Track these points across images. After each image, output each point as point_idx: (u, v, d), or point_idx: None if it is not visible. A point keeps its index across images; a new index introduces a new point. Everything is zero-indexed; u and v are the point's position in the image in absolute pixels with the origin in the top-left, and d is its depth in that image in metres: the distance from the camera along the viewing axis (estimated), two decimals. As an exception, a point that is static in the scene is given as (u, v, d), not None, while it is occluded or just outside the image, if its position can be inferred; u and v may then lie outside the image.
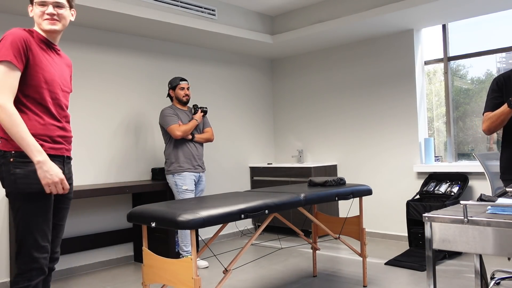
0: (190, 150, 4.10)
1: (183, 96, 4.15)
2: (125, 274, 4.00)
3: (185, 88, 4.16)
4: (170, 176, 4.07)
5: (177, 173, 4.04)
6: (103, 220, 4.28)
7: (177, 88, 4.16)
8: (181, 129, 4.00)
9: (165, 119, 4.04)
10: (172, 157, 4.07)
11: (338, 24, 4.61)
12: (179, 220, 2.14)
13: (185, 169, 4.04)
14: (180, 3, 4.32)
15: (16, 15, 3.80)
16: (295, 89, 5.89)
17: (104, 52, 4.37)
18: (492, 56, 4.52)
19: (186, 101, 4.19)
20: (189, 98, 4.19)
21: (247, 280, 3.67)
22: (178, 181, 4.03)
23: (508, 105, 2.39)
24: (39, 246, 1.95)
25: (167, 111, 4.08)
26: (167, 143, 4.13)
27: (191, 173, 4.07)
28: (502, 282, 3.28)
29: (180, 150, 4.06)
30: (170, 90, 4.19)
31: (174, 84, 4.17)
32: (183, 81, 4.17)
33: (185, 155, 4.07)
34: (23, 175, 1.94)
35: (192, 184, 4.08)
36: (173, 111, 4.09)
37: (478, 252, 1.66)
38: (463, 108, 4.76)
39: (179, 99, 4.17)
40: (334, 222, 3.54)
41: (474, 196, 4.38)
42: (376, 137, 5.09)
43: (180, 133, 3.99)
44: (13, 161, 1.94)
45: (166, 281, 2.27)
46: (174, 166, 4.05)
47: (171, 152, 4.08)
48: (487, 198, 1.81)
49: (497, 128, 2.50)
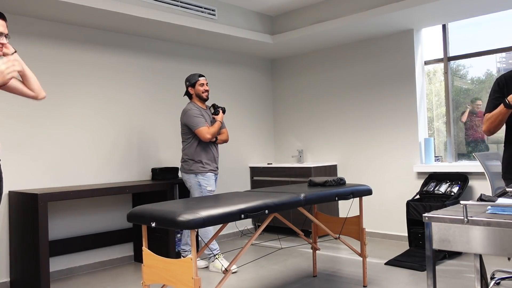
0: (212, 152, 4.05)
1: (203, 92, 4.01)
2: (125, 274, 4.00)
3: (204, 84, 4.03)
4: (192, 176, 3.96)
5: (201, 173, 3.95)
6: (103, 220, 4.28)
7: (197, 85, 4.02)
8: (210, 132, 3.90)
9: (194, 120, 3.91)
10: (195, 157, 3.96)
11: (338, 24, 4.61)
12: (179, 220, 2.14)
13: (209, 170, 3.99)
14: (180, 3, 4.32)
15: (16, 15, 3.81)
16: (295, 89, 5.89)
17: (104, 52, 4.37)
18: (492, 56, 4.52)
19: (206, 98, 4.06)
20: (208, 94, 4.08)
21: (247, 280, 3.67)
22: (202, 182, 3.96)
23: (504, 105, 2.39)
24: None
25: (195, 111, 3.95)
26: (189, 143, 3.99)
27: (212, 173, 4.04)
28: (502, 282, 3.28)
29: (203, 151, 3.99)
30: (189, 87, 4.04)
31: (193, 81, 4.02)
32: (202, 76, 4.04)
33: (208, 156, 4.01)
34: None
35: (214, 185, 4.05)
36: (199, 111, 3.96)
37: (478, 252, 1.66)
38: (463, 108, 4.76)
39: (200, 96, 4.03)
40: (334, 222, 3.54)
41: (474, 196, 4.38)
42: (376, 137, 5.09)
43: (210, 136, 3.90)
44: None
45: (166, 281, 2.27)
46: (197, 166, 3.95)
47: (194, 152, 3.96)
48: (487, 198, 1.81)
49: (497, 129, 2.50)
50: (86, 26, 4.22)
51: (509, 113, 2.41)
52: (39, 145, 3.90)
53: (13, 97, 3.77)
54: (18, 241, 3.57)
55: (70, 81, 4.12)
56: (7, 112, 3.75)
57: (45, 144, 3.94)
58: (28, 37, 3.88)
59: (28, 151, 3.84)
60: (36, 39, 3.92)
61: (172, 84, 4.94)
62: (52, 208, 3.95)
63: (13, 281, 3.64)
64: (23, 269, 3.50)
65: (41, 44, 3.95)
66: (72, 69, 4.14)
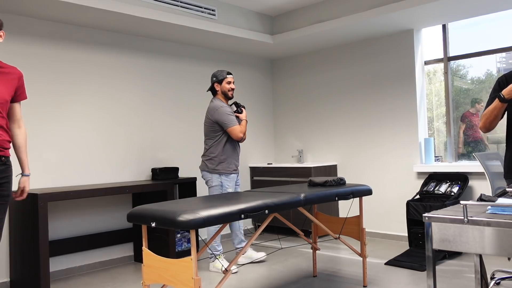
0: (237, 151, 4.03)
1: (229, 90, 3.96)
2: (125, 274, 4.00)
3: (231, 82, 3.97)
4: (216, 176, 3.91)
5: (225, 174, 3.92)
6: (103, 220, 4.28)
7: (224, 82, 3.95)
8: (243, 131, 3.88)
9: (227, 117, 3.85)
10: (222, 156, 3.91)
11: (338, 24, 4.61)
12: (179, 220, 2.14)
13: (233, 170, 3.96)
14: (180, 3, 4.32)
15: (16, 15, 3.81)
16: (295, 89, 5.89)
17: (104, 52, 4.37)
18: (492, 56, 4.52)
19: (232, 96, 4.00)
20: (233, 92, 4.04)
21: (247, 280, 3.67)
22: (225, 183, 3.93)
23: (499, 99, 2.39)
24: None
25: (227, 108, 3.89)
26: (217, 140, 3.92)
27: (235, 174, 4.01)
28: (502, 282, 3.28)
29: (231, 149, 3.95)
30: (215, 83, 3.97)
31: (220, 78, 3.95)
32: (230, 74, 3.98)
33: (234, 155, 3.98)
34: None
35: (235, 185, 4.04)
36: (230, 108, 3.94)
37: (478, 252, 1.66)
38: (463, 108, 4.76)
39: (225, 94, 3.97)
40: (334, 222, 3.54)
41: (474, 196, 4.38)
42: (376, 137, 5.09)
43: (242, 135, 3.87)
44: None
45: (166, 281, 2.27)
46: (223, 166, 3.91)
47: (222, 150, 3.91)
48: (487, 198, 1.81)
49: (492, 124, 2.49)
50: (86, 26, 4.22)
51: (503, 107, 2.42)
52: (39, 145, 3.90)
53: (13, 97, 3.77)
54: (18, 241, 3.57)
55: (70, 81, 4.12)
56: (7, 112, 3.75)
57: (45, 144, 3.94)
58: (28, 37, 3.88)
59: (28, 151, 3.83)
60: (36, 39, 3.92)
61: (172, 84, 4.94)
62: (52, 208, 3.95)
63: (13, 281, 3.64)
64: (23, 269, 3.51)
65: (41, 44, 3.95)
66: (72, 69, 4.14)
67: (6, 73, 2.50)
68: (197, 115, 5.18)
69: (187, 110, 5.07)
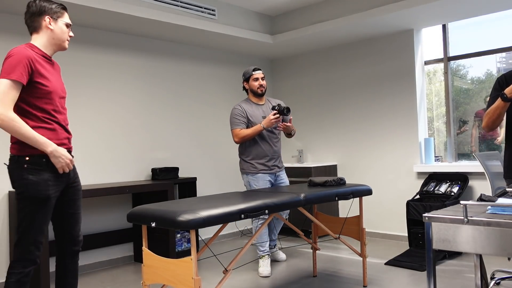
0: (263, 148, 3.90)
1: (258, 87, 3.83)
2: (125, 274, 4.00)
3: (259, 78, 3.83)
4: (245, 175, 3.91)
5: (251, 173, 3.88)
6: (103, 220, 4.28)
7: (251, 79, 3.84)
8: (239, 135, 3.75)
9: (231, 119, 3.82)
10: (244, 155, 3.89)
11: (338, 24, 4.61)
12: (179, 220, 2.14)
13: (260, 170, 3.87)
14: (180, 3, 4.32)
15: (16, 15, 3.80)
16: (295, 89, 5.89)
17: (104, 52, 4.37)
18: (492, 56, 4.52)
19: (262, 93, 3.86)
20: (264, 89, 3.86)
21: (247, 280, 3.67)
22: (252, 182, 3.88)
23: (501, 98, 2.41)
24: (36, 242, 2.24)
25: (237, 110, 3.82)
26: None
27: (265, 174, 3.90)
28: (502, 282, 3.28)
29: (252, 147, 3.88)
30: (244, 82, 3.90)
31: (247, 76, 3.86)
32: (256, 70, 3.84)
33: (258, 153, 3.89)
34: (34, 182, 2.20)
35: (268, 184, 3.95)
36: (242, 109, 3.81)
37: (478, 252, 1.66)
38: (463, 108, 4.76)
39: (254, 91, 3.86)
40: (334, 222, 3.54)
41: (474, 196, 4.38)
42: (376, 137, 5.09)
43: (237, 139, 3.77)
44: (26, 167, 2.20)
45: (166, 281, 2.27)
46: (248, 166, 3.89)
47: (244, 149, 3.88)
48: (487, 198, 1.81)
49: (495, 123, 2.52)
50: (86, 26, 4.22)
51: (506, 106, 2.44)
52: (39, 145, 3.90)
53: (13, 97, 3.77)
54: (18, 241, 3.57)
55: (70, 81, 4.12)
56: (7, 112, 3.75)
57: (45, 144, 3.93)
58: (28, 37, 3.88)
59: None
60: (36, 39, 3.92)
61: (172, 84, 4.94)
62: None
63: (13, 281, 3.63)
64: (23, 269, 3.50)
65: (41, 44, 3.94)
66: (72, 69, 4.14)
67: (57, 68, 2.45)
68: (197, 115, 5.18)
69: (187, 110, 5.07)
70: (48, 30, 2.30)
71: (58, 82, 2.36)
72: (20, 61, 2.14)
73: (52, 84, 2.28)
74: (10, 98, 2.12)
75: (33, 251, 2.23)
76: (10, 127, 2.11)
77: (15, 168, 2.21)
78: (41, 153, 2.20)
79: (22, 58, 2.15)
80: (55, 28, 2.31)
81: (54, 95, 2.28)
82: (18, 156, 2.21)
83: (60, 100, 2.35)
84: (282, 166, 4.00)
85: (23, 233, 2.22)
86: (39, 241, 2.25)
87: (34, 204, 2.21)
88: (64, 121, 2.36)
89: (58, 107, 2.32)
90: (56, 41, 2.33)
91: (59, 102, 2.33)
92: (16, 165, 2.21)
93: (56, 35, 2.32)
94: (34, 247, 2.23)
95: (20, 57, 2.15)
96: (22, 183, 2.20)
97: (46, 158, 2.22)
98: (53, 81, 2.30)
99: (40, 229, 2.24)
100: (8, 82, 2.11)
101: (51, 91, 2.26)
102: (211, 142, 5.30)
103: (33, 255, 2.23)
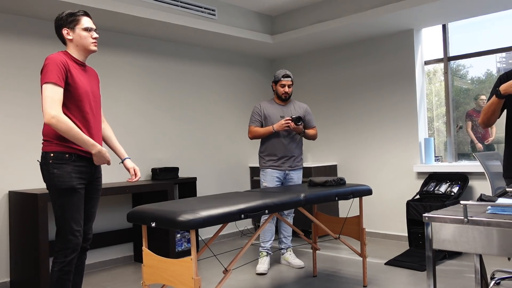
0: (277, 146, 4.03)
1: (282, 93, 3.99)
2: (125, 274, 4.00)
3: (286, 85, 3.98)
4: (261, 170, 4.07)
5: (262, 169, 4.06)
6: (103, 220, 4.28)
7: (278, 83, 4.00)
8: (252, 132, 4.01)
9: (251, 116, 4.06)
10: (260, 151, 4.07)
11: (338, 24, 4.61)
12: (179, 220, 2.14)
13: (269, 165, 4.04)
14: (180, 3, 4.32)
15: (16, 15, 3.80)
16: (295, 89, 5.87)
17: (104, 52, 4.37)
18: (492, 56, 4.52)
19: (285, 99, 4.03)
20: (288, 96, 4.01)
21: (247, 280, 3.67)
22: (261, 177, 4.06)
23: (496, 95, 2.42)
24: (73, 230, 2.42)
25: (255, 108, 4.06)
26: None
27: (274, 170, 4.02)
28: (502, 282, 3.28)
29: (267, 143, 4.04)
30: (273, 83, 4.06)
31: (276, 79, 4.01)
32: (286, 78, 3.98)
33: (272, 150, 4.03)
34: (59, 175, 2.38)
35: (274, 181, 4.02)
36: (260, 108, 4.02)
37: (478, 252, 1.66)
38: (463, 108, 4.76)
39: (278, 96, 4.04)
40: (334, 222, 3.54)
41: (474, 196, 4.38)
42: (376, 137, 5.09)
43: (249, 135, 4.03)
44: (51, 162, 2.39)
45: (166, 281, 2.27)
46: (261, 161, 4.07)
47: (261, 146, 4.06)
48: (487, 198, 1.81)
49: (491, 120, 2.54)
50: (86, 26, 4.22)
51: (501, 103, 2.46)
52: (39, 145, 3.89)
53: (13, 97, 3.78)
54: (18, 241, 3.57)
55: (70, 81, 4.12)
56: (7, 112, 3.75)
57: (45, 144, 3.93)
58: (28, 37, 3.88)
59: (28, 151, 3.84)
60: (35, 39, 3.92)
61: (172, 84, 4.94)
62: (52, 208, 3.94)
63: (13, 281, 3.64)
64: (23, 269, 3.51)
65: (40, 44, 3.95)
66: (72, 69, 4.13)
67: (91, 72, 2.62)
68: (197, 115, 5.18)
69: (187, 110, 5.07)
70: (69, 40, 2.47)
71: (91, 85, 2.52)
72: (56, 65, 2.32)
73: (83, 87, 2.43)
74: (58, 100, 2.30)
75: (71, 239, 2.40)
76: (64, 128, 2.29)
77: (44, 164, 2.42)
78: (64, 150, 2.39)
79: (57, 63, 2.33)
80: (74, 37, 2.47)
81: (84, 98, 2.43)
82: (46, 152, 2.41)
83: (92, 103, 2.50)
84: (296, 166, 4.08)
85: (59, 224, 2.41)
86: (75, 230, 2.42)
87: (62, 195, 2.39)
88: (94, 124, 2.51)
89: (87, 110, 2.45)
90: (80, 48, 2.48)
91: (88, 104, 2.47)
92: (44, 161, 2.41)
93: (77, 42, 2.47)
94: (72, 235, 2.40)
95: (55, 62, 2.33)
96: (49, 177, 2.39)
97: (68, 154, 2.40)
98: (85, 84, 2.45)
99: (74, 218, 2.42)
100: (51, 86, 2.29)
101: (80, 93, 2.41)
102: (211, 142, 5.30)
103: (71, 243, 2.40)
